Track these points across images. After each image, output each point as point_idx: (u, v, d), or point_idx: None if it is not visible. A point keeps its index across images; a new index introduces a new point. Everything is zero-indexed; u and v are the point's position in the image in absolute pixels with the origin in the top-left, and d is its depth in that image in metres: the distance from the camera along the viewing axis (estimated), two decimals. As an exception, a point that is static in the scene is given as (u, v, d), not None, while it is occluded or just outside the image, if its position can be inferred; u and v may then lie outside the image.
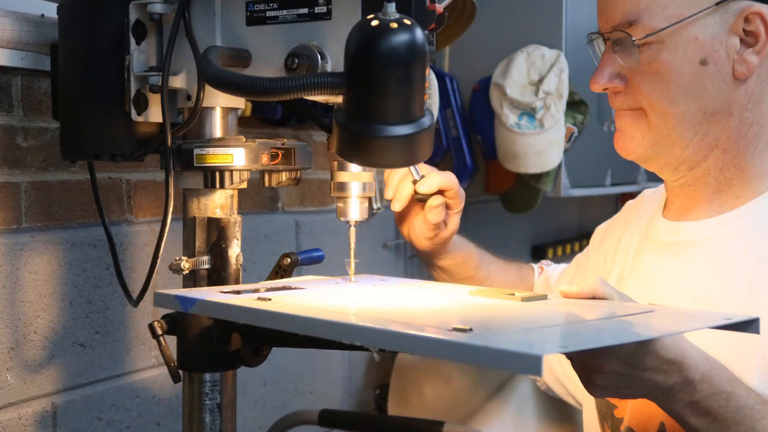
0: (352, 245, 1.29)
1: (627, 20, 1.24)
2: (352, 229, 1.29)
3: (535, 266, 1.74)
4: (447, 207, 1.41)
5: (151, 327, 1.26)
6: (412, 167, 1.37)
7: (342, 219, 1.27)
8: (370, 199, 1.30)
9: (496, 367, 0.82)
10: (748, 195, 1.28)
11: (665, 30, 1.22)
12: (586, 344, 0.90)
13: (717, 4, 1.21)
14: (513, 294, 1.12)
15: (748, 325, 0.99)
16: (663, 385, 1.06)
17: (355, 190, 1.26)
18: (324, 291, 1.23)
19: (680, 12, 1.22)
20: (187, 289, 1.21)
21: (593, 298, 1.10)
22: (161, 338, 1.26)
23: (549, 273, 1.71)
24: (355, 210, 1.26)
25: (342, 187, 1.26)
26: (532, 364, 0.78)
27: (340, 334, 0.94)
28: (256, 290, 1.19)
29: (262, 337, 1.23)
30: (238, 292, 1.17)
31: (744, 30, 1.22)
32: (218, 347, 1.22)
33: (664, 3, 1.22)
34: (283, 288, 1.21)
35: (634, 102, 1.28)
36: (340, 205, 1.27)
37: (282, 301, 1.10)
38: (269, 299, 1.10)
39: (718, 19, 1.22)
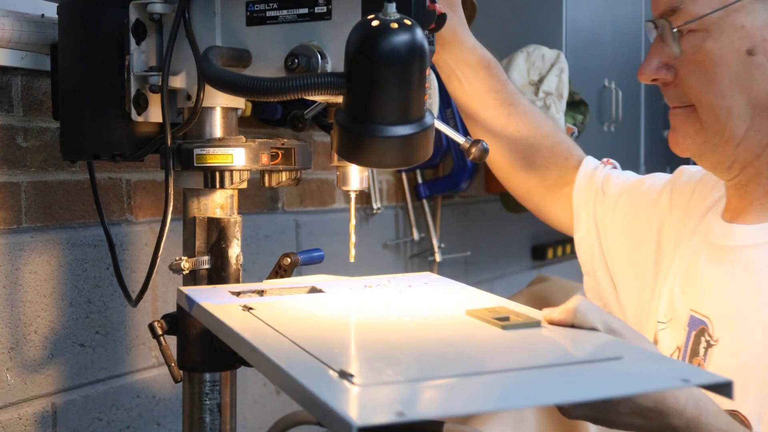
0: (352, 214, 1.28)
1: (671, 7, 1.17)
2: (353, 199, 1.28)
3: (590, 161, 1.54)
4: None
5: (151, 327, 1.27)
6: None
7: (342, 188, 1.26)
8: (369, 195, 1.29)
9: (325, 424, 0.77)
10: None
11: (709, 17, 1.14)
12: (444, 411, 0.76)
13: None
14: (507, 319, 1.04)
15: (720, 388, 0.83)
16: (645, 427, 0.99)
17: None
18: (327, 300, 1.20)
19: None
20: (199, 288, 1.21)
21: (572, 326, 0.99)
22: (161, 338, 1.26)
23: (602, 176, 1.52)
24: (355, 179, 1.25)
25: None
26: (344, 429, 0.71)
27: (256, 362, 0.93)
28: (262, 292, 1.19)
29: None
30: (252, 292, 1.18)
31: None
32: (218, 347, 1.23)
33: None
34: (296, 290, 1.21)
35: (684, 96, 1.21)
36: (340, 174, 1.25)
37: (264, 311, 1.07)
38: (251, 309, 1.08)
39: (765, 4, 1.14)
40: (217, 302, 1.12)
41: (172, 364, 1.26)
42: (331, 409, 0.75)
